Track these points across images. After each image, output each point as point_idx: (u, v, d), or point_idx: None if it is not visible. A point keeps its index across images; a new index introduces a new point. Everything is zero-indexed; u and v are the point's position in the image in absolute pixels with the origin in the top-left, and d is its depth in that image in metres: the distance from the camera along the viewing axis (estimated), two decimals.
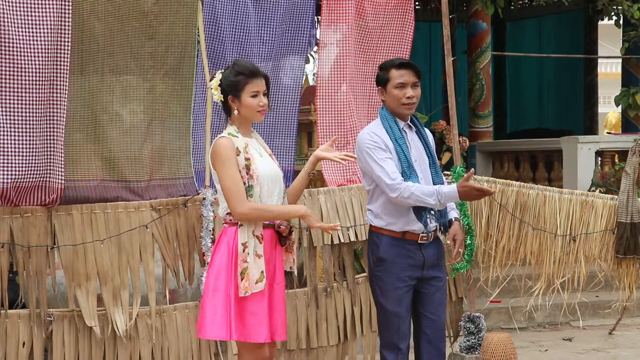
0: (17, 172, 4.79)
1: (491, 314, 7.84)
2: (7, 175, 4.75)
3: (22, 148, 4.81)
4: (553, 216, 6.12)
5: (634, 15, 10.22)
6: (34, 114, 4.84)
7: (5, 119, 4.76)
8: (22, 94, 4.80)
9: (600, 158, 9.93)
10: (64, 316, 5.05)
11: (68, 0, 4.91)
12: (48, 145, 4.92)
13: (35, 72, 4.82)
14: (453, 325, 6.13)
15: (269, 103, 4.37)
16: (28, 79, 4.80)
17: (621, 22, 11.79)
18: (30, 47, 4.80)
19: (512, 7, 14.82)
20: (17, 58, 4.77)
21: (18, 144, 4.80)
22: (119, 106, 5.30)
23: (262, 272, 4.17)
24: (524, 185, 6.22)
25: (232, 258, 4.20)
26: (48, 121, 4.91)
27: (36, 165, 4.87)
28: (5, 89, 4.76)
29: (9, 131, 4.78)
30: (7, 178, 4.75)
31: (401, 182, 4.42)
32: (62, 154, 4.95)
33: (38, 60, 4.82)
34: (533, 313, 7.64)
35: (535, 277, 6.28)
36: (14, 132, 4.79)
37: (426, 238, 4.58)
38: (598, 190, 8.18)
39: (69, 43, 4.93)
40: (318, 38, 6.13)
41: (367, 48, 6.18)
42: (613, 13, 11.80)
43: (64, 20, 4.90)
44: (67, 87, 4.95)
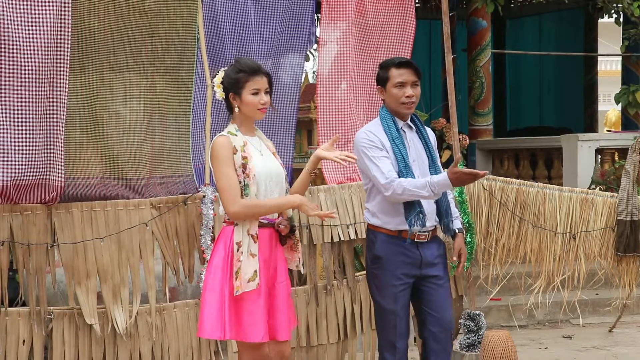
0: (17, 170, 4.78)
1: (491, 312, 7.84)
2: (7, 173, 4.75)
3: (22, 146, 4.80)
4: (553, 214, 6.12)
5: (634, 12, 10.20)
6: (34, 112, 4.83)
7: (5, 117, 4.76)
8: (22, 92, 4.79)
9: (600, 156, 9.93)
10: (64, 314, 5.05)
11: None
12: (48, 143, 4.91)
13: (35, 70, 4.81)
14: (453, 322, 6.12)
15: (271, 101, 4.36)
16: (28, 77, 4.80)
17: (621, 20, 11.78)
18: (30, 45, 4.79)
19: (512, 5, 14.84)
20: (17, 56, 4.76)
21: (18, 142, 4.79)
22: (119, 104, 5.29)
23: (256, 272, 4.15)
24: (524, 183, 6.22)
25: (228, 257, 4.20)
26: (48, 119, 4.90)
27: (36, 163, 4.86)
28: (5, 87, 4.76)
29: (9, 129, 4.77)
30: (7, 176, 4.75)
31: (394, 180, 4.39)
32: (62, 152, 4.95)
33: (38, 58, 4.82)
34: (533, 311, 7.64)
35: (535, 275, 6.27)
36: (14, 130, 4.78)
37: (424, 237, 4.58)
38: (598, 188, 8.19)
39: (69, 41, 4.92)
40: (318, 36, 6.13)
41: (368, 46, 6.17)
42: (613, 11, 11.79)
43: (64, 17, 4.90)
44: (67, 85, 4.94)
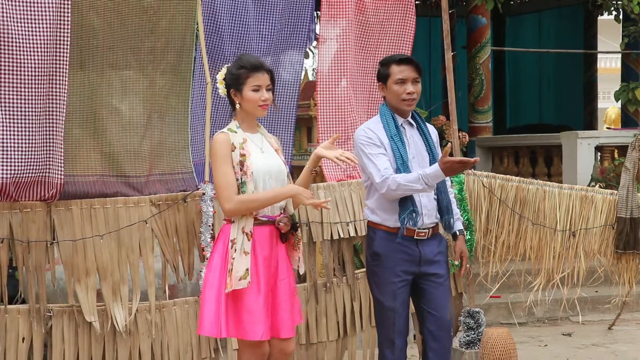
0: (17, 168, 4.77)
1: (491, 309, 7.85)
2: (7, 170, 4.74)
3: (22, 143, 4.80)
4: (553, 211, 6.12)
5: (634, 10, 10.21)
6: (33, 109, 4.83)
7: (4, 114, 4.75)
8: (22, 89, 4.79)
9: (599, 153, 9.94)
10: (64, 311, 5.04)
11: None
12: (47, 140, 4.90)
13: (34, 67, 4.80)
14: (453, 320, 6.13)
15: (274, 98, 4.36)
16: (27, 74, 4.79)
17: (621, 17, 11.79)
18: (29, 42, 4.79)
19: (512, 2, 14.85)
20: (17, 53, 4.75)
21: (17, 139, 4.78)
22: (118, 101, 5.28)
23: (247, 270, 4.14)
24: (524, 180, 6.22)
25: (225, 255, 4.22)
26: (47, 116, 4.90)
27: (35, 160, 4.86)
28: (4, 84, 4.75)
29: (8, 126, 4.76)
30: (7, 173, 4.74)
31: (388, 177, 4.39)
32: (62, 149, 4.94)
33: (37, 55, 4.81)
34: (533, 308, 7.65)
35: (534, 272, 6.27)
36: (13, 127, 4.78)
37: (423, 234, 4.57)
38: (598, 185, 8.18)
39: (69, 38, 4.91)
40: (317, 33, 6.12)
41: (368, 43, 6.17)
42: (613, 8, 11.81)
43: (64, 15, 4.89)
44: (67, 82, 4.93)
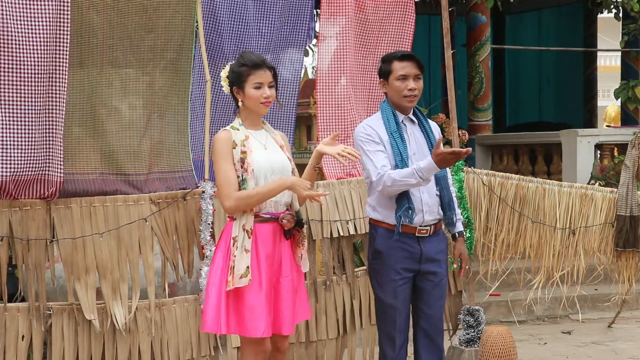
0: (16, 165, 4.77)
1: (490, 307, 7.85)
2: (6, 168, 4.74)
3: (21, 141, 4.79)
4: (552, 209, 6.12)
5: (634, 7, 10.20)
6: (33, 107, 4.82)
7: (4, 112, 4.74)
8: (21, 87, 4.78)
9: (599, 151, 9.94)
10: (63, 309, 5.04)
11: None
12: (47, 138, 4.90)
13: (34, 66, 4.80)
14: (452, 318, 6.13)
15: (277, 95, 4.36)
16: (27, 72, 4.78)
17: (621, 15, 11.78)
18: (29, 41, 4.78)
19: (512, 0, 14.82)
20: (16, 51, 4.74)
21: (17, 137, 4.78)
22: (118, 99, 5.28)
23: (248, 267, 4.16)
24: (524, 178, 6.22)
25: (227, 252, 4.24)
26: (47, 114, 4.89)
27: (35, 158, 4.85)
28: (4, 82, 4.74)
29: (8, 124, 4.76)
30: (6, 171, 4.74)
31: (384, 173, 4.39)
32: (61, 147, 4.94)
33: (37, 53, 4.80)
34: (532, 306, 7.65)
35: (534, 270, 6.28)
36: (13, 125, 4.77)
37: (425, 231, 4.57)
38: (597, 183, 8.17)
39: (68, 36, 4.91)
40: (317, 31, 6.11)
41: (367, 41, 6.16)
42: (612, 6, 11.78)
43: (63, 13, 4.88)
44: (66, 80, 4.93)
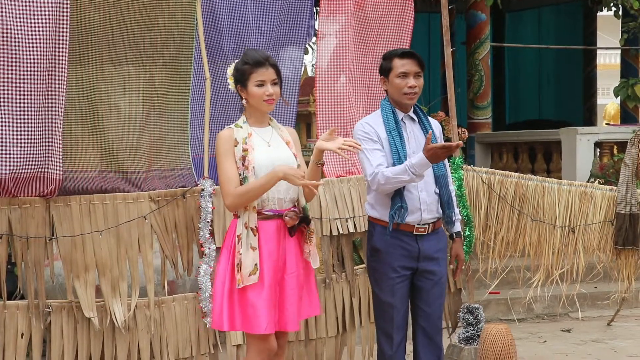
0: (16, 163, 4.77)
1: (490, 305, 7.85)
2: (6, 166, 4.74)
3: (21, 139, 4.79)
4: (552, 207, 6.12)
5: (634, 5, 10.20)
6: (32, 105, 4.82)
7: (3, 110, 4.74)
8: (21, 85, 4.78)
9: (599, 149, 9.94)
10: (63, 307, 5.04)
11: None
12: (46, 136, 4.90)
13: (33, 63, 4.79)
14: (452, 316, 6.12)
15: (281, 93, 4.35)
16: (26, 70, 4.78)
17: (620, 13, 11.78)
18: (28, 38, 4.77)
19: None
20: (16, 49, 4.74)
21: (16, 135, 4.78)
22: (118, 97, 5.28)
23: (256, 265, 4.17)
24: (523, 176, 6.21)
25: (232, 250, 4.25)
26: (46, 112, 4.89)
27: (34, 156, 4.85)
28: (3, 80, 4.74)
29: (7, 122, 4.75)
30: (6, 169, 4.74)
31: (378, 172, 4.39)
32: (61, 145, 4.94)
33: (36, 50, 4.80)
34: (532, 304, 7.65)
35: (534, 269, 6.27)
36: (12, 123, 4.77)
37: (423, 229, 4.57)
38: (597, 181, 8.18)
39: (68, 33, 4.90)
40: (317, 29, 6.11)
41: (367, 39, 6.16)
42: (612, 4, 11.79)
43: (63, 10, 4.88)
44: (66, 78, 4.92)
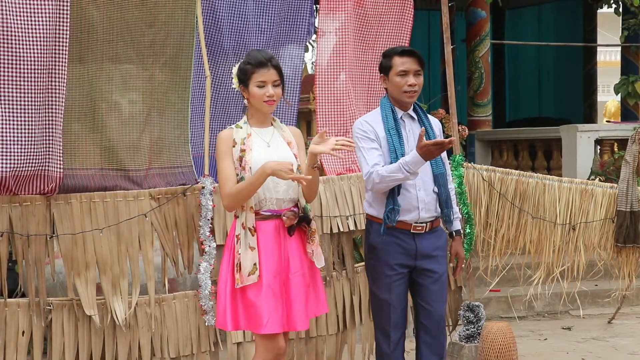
0: (16, 161, 4.77)
1: (490, 303, 7.85)
2: (6, 163, 4.73)
3: (21, 137, 4.79)
4: (552, 205, 6.12)
5: (634, 2, 10.19)
6: (33, 103, 4.82)
7: (3, 108, 4.74)
8: (21, 83, 4.77)
9: (599, 146, 9.94)
10: (63, 305, 5.04)
11: None
12: (47, 134, 4.89)
13: (33, 61, 4.79)
14: (452, 314, 6.13)
15: (283, 93, 4.35)
16: (27, 68, 4.77)
17: (620, 10, 11.78)
18: (28, 36, 4.77)
19: None
20: (16, 47, 4.73)
21: (17, 133, 4.77)
22: (118, 95, 5.28)
23: (255, 265, 4.17)
24: (524, 173, 6.21)
25: (232, 250, 4.26)
26: (47, 110, 4.89)
27: (35, 153, 4.85)
28: (3, 78, 4.73)
29: (8, 120, 4.75)
30: (6, 167, 4.74)
31: (373, 171, 4.39)
32: (61, 143, 4.93)
33: (37, 49, 4.79)
34: (532, 302, 7.65)
35: (534, 266, 6.27)
36: (13, 121, 4.77)
37: (420, 228, 4.56)
38: (597, 178, 8.19)
39: (68, 31, 4.90)
40: (317, 26, 6.11)
41: (366, 36, 6.16)
42: (612, 1, 11.79)
43: (63, 8, 4.87)
44: (66, 76, 4.92)
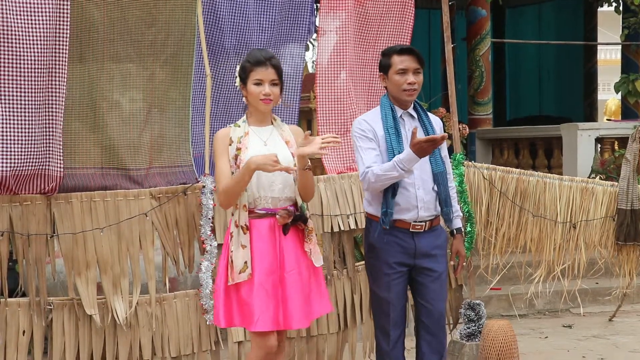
0: (16, 160, 4.77)
1: (491, 301, 7.86)
2: (6, 163, 4.73)
3: (21, 136, 4.79)
4: (553, 203, 6.12)
5: (634, 1, 10.19)
6: (33, 102, 4.82)
7: (3, 107, 4.74)
8: (21, 82, 4.77)
9: (600, 145, 9.95)
10: (64, 304, 5.04)
11: None
12: (47, 133, 4.89)
13: (34, 60, 4.79)
14: (453, 312, 6.13)
15: (281, 94, 4.35)
16: (27, 67, 4.77)
17: (621, 9, 11.78)
18: (29, 35, 4.77)
19: None
20: (16, 46, 4.73)
21: (17, 132, 4.77)
22: (119, 94, 5.28)
23: (246, 263, 4.20)
24: (524, 172, 6.21)
25: (227, 247, 4.30)
26: (47, 109, 4.89)
27: (35, 153, 4.85)
28: (3, 77, 4.73)
29: (8, 119, 4.75)
30: (6, 166, 4.74)
31: (368, 171, 4.39)
32: (61, 142, 4.94)
33: (37, 48, 4.79)
34: (533, 300, 7.66)
35: (535, 265, 6.27)
36: (13, 120, 4.77)
37: (419, 227, 4.56)
38: (598, 177, 8.18)
39: (68, 30, 4.90)
40: (317, 25, 6.10)
41: (367, 35, 6.15)
42: None
43: (63, 7, 4.87)
44: (66, 75, 4.92)
